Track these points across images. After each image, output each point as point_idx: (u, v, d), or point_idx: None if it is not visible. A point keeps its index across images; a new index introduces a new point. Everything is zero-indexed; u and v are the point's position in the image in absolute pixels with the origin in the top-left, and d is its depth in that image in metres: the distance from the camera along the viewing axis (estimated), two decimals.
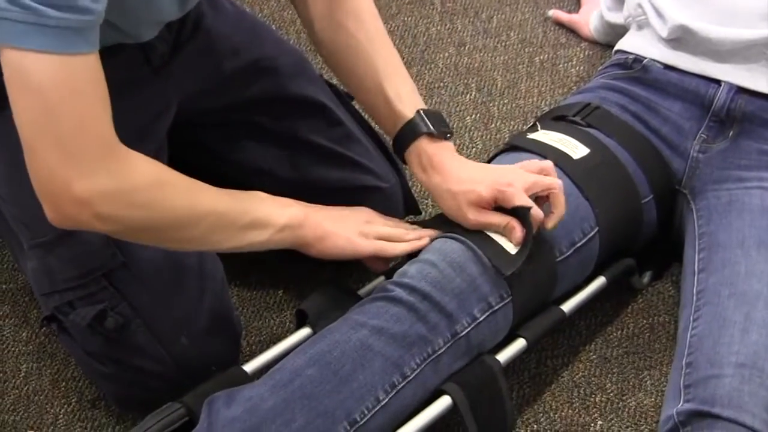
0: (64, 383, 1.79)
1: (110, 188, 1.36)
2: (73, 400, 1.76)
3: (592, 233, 1.64)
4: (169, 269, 1.61)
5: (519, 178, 1.56)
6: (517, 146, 1.73)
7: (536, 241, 1.55)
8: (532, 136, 1.75)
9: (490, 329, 1.55)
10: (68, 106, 1.31)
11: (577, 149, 1.69)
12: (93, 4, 1.29)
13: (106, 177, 1.35)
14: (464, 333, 1.51)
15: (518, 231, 1.53)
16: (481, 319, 1.53)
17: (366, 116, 1.90)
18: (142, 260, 1.59)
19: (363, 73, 1.65)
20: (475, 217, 1.56)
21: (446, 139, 1.62)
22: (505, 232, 1.55)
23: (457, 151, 2.12)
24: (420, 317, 1.49)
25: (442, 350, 1.50)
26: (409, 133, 1.62)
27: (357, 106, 1.89)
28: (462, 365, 1.53)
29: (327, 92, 1.88)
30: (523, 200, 1.53)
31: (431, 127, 1.61)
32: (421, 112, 1.62)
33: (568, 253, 1.61)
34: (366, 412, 1.43)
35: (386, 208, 1.82)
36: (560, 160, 1.67)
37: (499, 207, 1.56)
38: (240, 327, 1.73)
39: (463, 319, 1.51)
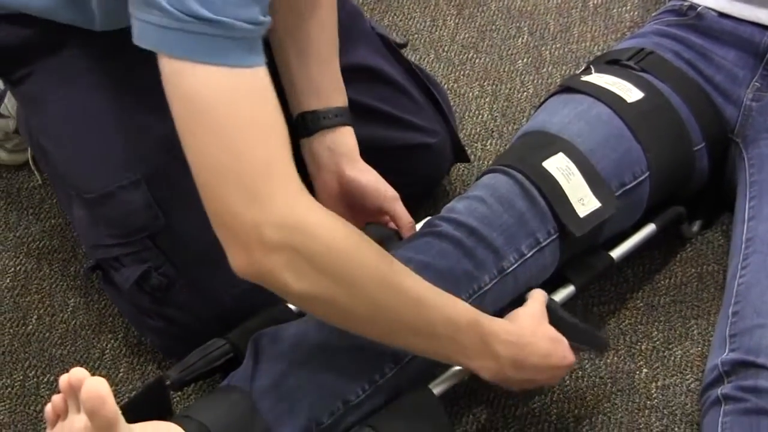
0: (111, 318, 1.80)
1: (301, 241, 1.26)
2: (119, 335, 1.78)
3: (643, 177, 1.63)
4: (212, 231, 1.60)
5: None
6: (571, 87, 1.72)
7: (593, 178, 1.56)
8: (585, 78, 1.73)
9: (537, 266, 1.54)
10: (252, 137, 1.24)
11: (630, 93, 1.67)
12: (264, 17, 1.26)
13: (294, 225, 1.25)
14: (511, 269, 1.51)
15: None
16: (528, 255, 1.52)
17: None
18: (185, 222, 1.56)
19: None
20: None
21: None
22: None
23: (508, 95, 2.13)
24: (467, 253, 1.48)
25: (488, 287, 1.49)
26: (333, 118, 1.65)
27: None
28: (507, 303, 1.53)
29: (378, 47, 1.85)
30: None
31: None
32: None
33: (617, 194, 1.60)
34: None
35: (434, 163, 1.83)
36: (614, 103, 1.65)
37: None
38: None
39: (510, 255, 1.51)
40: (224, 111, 1.22)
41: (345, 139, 1.65)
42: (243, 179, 1.23)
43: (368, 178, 1.65)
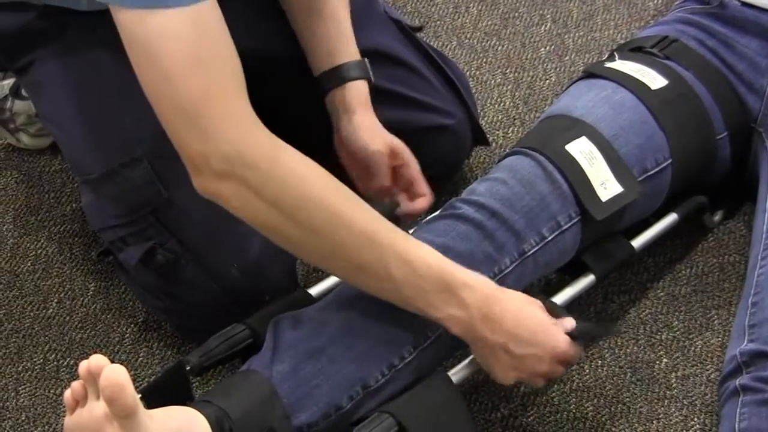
0: (131, 303, 1.81)
1: (244, 174, 1.31)
2: (139, 320, 1.78)
3: (665, 164, 1.62)
4: (216, 204, 1.60)
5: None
6: (595, 73, 1.72)
7: (615, 163, 1.56)
8: (609, 65, 1.73)
9: (557, 249, 1.54)
10: (187, 70, 1.28)
11: (654, 80, 1.67)
12: None
13: (237, 157, 1.30)
14: (531, 252, 1.51)
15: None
16: (549, 238, 1.52)
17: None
18: (188, 197, 1.54)
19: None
20: None
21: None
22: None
23: (531, 83, 2.13)
24: (487, 235, 1.48)
25: (509, 269, 1.49)
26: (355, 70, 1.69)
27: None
28: (526, 285, 1.53)
29: (391, 31, 1.85)
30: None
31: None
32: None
33: (639, 180, 1.59)
34: (430, 334, 1.44)
35: (453, 145, 1.83)
36: (638, 89, 1.65)
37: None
38: None
39: (531, 238, 1.51)
40: (163, 48, 1.27)
41: (350, 94, 1.70)
42: (184, 111, 1.29)
43: (363, 137, 1.70)
